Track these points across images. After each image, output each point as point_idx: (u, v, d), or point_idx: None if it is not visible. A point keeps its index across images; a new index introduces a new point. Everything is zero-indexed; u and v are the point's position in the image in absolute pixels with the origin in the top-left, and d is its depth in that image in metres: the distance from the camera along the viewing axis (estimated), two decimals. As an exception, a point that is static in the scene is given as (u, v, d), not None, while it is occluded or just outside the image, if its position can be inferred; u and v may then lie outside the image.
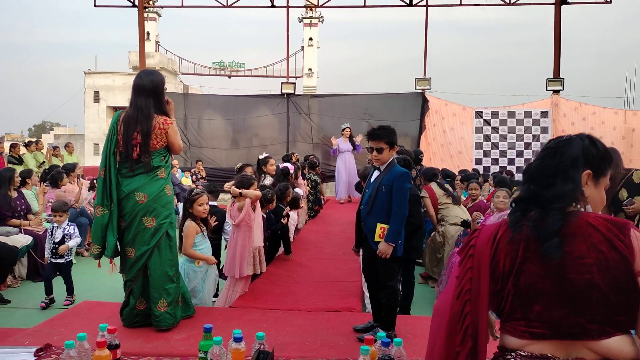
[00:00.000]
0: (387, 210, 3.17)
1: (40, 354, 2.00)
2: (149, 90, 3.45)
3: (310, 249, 6.65)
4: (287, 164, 7.67)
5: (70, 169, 7.63)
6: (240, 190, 4.26)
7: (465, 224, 5.52)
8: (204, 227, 4.04)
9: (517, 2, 13.64)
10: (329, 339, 3.37)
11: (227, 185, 4.39)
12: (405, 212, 3.18)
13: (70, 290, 5.01)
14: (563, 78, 12.36)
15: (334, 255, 6.27)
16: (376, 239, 3.18)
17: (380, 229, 3.16)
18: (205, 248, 4.02)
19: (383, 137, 3.20)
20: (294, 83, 13.89)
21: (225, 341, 1.90)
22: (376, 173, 3.31)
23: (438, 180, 6.08)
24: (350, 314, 4.01)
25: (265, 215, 5.19)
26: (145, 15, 14.59)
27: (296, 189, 6.17)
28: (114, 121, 3.51)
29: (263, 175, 6.29)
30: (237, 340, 1.83)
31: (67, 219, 5.15)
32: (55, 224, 5.05)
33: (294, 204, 5.68)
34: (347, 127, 10.56)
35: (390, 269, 3.25)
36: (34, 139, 11.52)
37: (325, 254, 6.39)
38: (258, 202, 4.46)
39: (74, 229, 5.15)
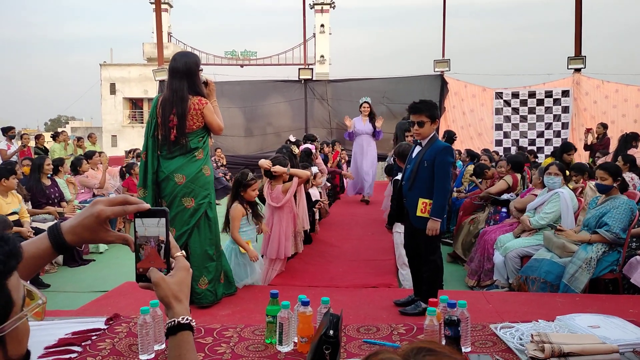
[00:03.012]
0: (428, 185, 3.19)
1: (111, 322, 2.08)
2: (182, 72, 3.49)
3: (338, 230, 6.71)
4: (308, 145, 7.73)
5: (89, 155, 7.91)
6: (288, 169, 4.19)
7: (495, 201, 5.52)
8: (250, 211, 4.06)
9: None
10: (371, 312, 3.42)
11: (264, 163, 4.31)
12: (448, 187, 3.20)
13: None
14: (584, 56, 12.14)
15: (362, 236, 6.33)
16: (418, 214, 3.21)
17: (422, 203, 3.18)
18: (249, 230, 4.02)
19: (424, 110, 3.21)
20: (312, 69, 13.84)
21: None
22: (417, 148, 3.33)
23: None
24: (389, 290, 4.06)
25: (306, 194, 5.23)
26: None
27: (313, 167, 6.25)
28: (154, 105, 3.58)
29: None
30: (305, 304, 1.89)
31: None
32: None
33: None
34: (366, 102, 8.65)
35: (432, 243, 3.28)
36: (60, 130, 11.66)
37: (354, 234, 6.45)
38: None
39: None
